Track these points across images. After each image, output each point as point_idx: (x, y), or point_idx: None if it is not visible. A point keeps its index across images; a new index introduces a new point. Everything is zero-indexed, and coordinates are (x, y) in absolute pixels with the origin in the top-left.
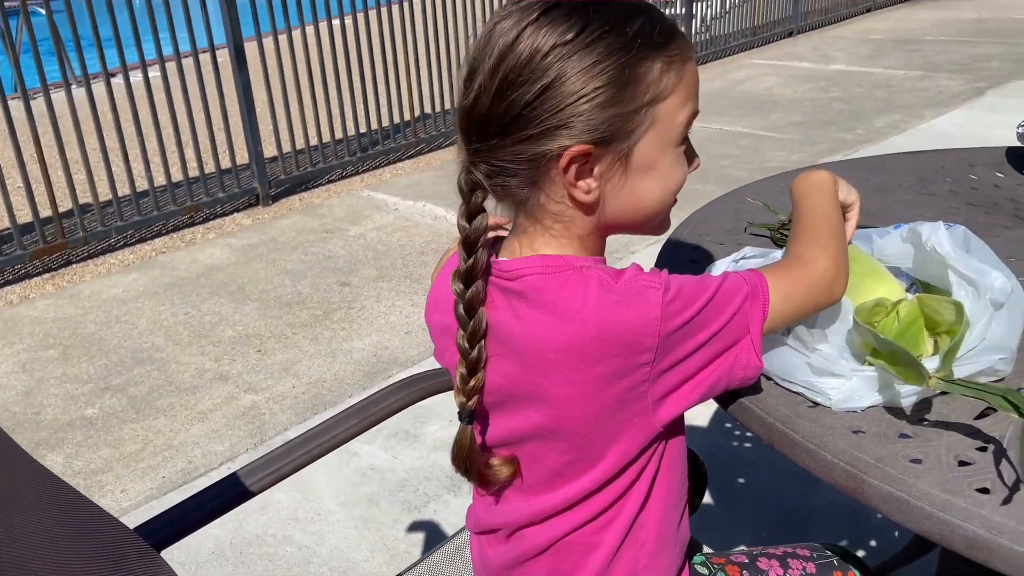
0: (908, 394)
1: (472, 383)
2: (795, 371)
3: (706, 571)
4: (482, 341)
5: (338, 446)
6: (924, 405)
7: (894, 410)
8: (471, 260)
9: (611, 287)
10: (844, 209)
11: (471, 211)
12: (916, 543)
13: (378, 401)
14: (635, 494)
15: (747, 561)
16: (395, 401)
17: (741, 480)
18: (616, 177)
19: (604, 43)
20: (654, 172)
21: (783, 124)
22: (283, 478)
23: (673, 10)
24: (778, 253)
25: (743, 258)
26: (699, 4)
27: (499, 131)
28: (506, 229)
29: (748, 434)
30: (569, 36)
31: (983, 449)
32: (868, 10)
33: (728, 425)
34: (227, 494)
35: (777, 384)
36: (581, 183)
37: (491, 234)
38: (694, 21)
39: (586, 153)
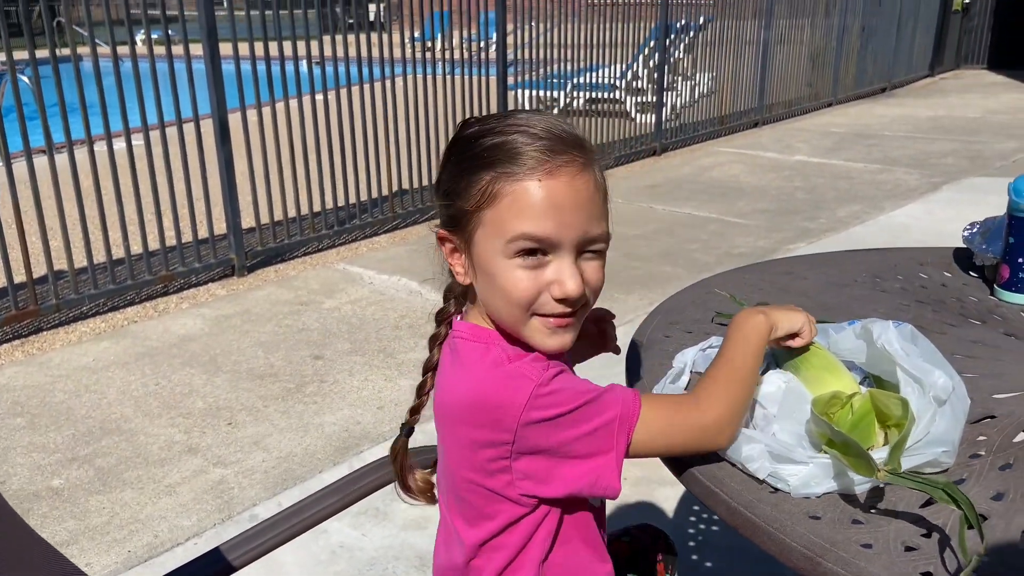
0: (861, 482)
1: (415, 404)
2: (755, 458)
3: None
4: (429, 375)
5: (318, 523)
6: (876, 493)
7: (848, 497)
8: (436, 329)
9: (502, 365)
10: (792, 336)
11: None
12: None
13: (358, 479)
14: (526, 564)
15: None
16: (375, 479)
17: (708, 564)
18: (472, 268)
19: (461, 152)
20: (492, 275)
21: (749, 211)
22: (265, 554)
23: (644, 97)
24: None
25: (710, 347)
26: (670, 93)
27: None
28: None
29: (714, 517)
30: (452, 145)
31: (928, 536)
32: (829, 104)
33: (696, 508)
34: (210, 568)
35: (741, 470)
36: (454, 263)
37: None
38: (664, 109)
39: (443, 237)
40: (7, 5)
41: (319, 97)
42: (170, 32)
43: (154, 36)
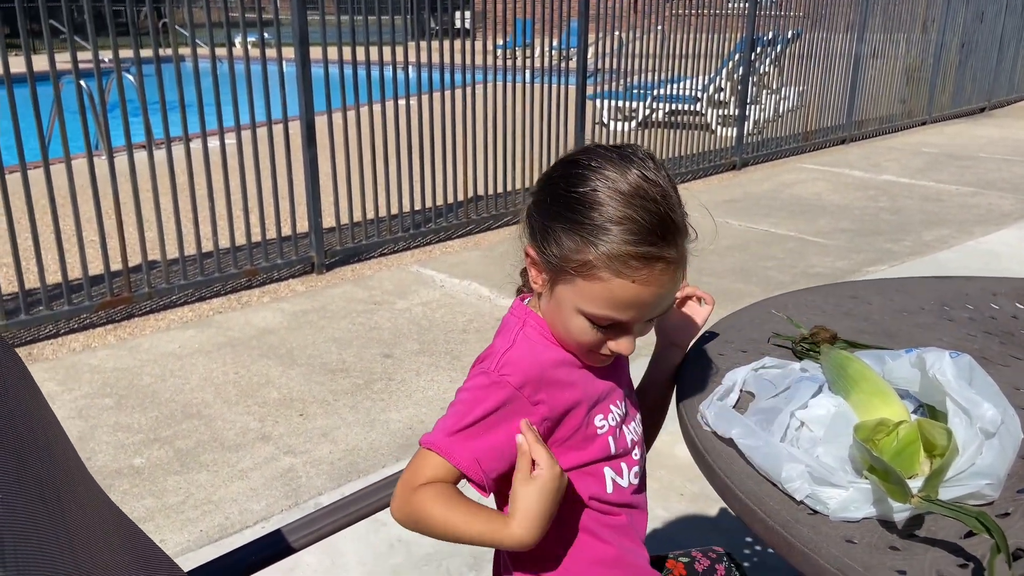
0: (900, 509)
1: None
2: (795, 478)
3: None
4: None
5: (374, 513)
6: (916, 521)
7: (887, 523)
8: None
9: (505, 345)
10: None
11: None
12: None
13: None
14: None
15: None
16: None
17: None
18: (549, 291)
19: (569, 208)
20: (564, 315)
21: (829, 230)
22: (322, 538)
23: (727, 111)
24: (796, 365)
25: (763, 367)
26: (753, 107)
27: None
28: None
29: None
30: (553, 189)
31: (964, 567)
32: (923, 123)
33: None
34: (273, 547)
35: (780, 490)
36: (533, 274)
37: None
38: (747, 123)
39: (532, 256)
40: (116, 5)
41: (401, 102)
42: (265, 35)
43: (250, 39)
